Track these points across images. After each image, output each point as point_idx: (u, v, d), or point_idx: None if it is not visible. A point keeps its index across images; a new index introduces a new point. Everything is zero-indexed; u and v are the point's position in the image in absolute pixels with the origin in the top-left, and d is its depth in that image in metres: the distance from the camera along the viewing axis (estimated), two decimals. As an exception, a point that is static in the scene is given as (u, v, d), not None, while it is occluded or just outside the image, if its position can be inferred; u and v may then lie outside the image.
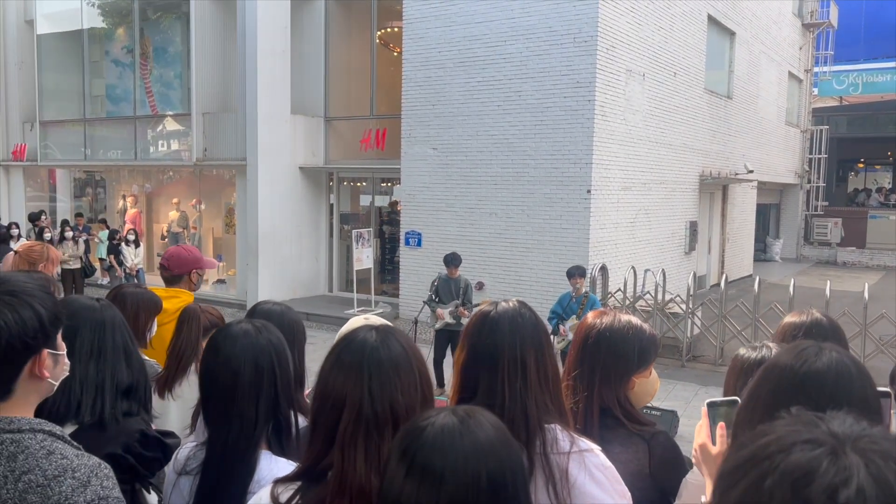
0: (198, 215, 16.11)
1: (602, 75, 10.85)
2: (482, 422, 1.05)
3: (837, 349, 1.34)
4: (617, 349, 1.89)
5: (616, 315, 1.97)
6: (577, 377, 1.90)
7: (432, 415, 1.06)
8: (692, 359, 10.20)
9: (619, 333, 1.91)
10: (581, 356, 1.92)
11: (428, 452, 1.00)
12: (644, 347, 1.92)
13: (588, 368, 1.89)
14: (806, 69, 22.64)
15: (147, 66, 15.67)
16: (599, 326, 1.93)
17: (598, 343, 1.90)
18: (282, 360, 1.76)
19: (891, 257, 21.66)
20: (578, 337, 1.97)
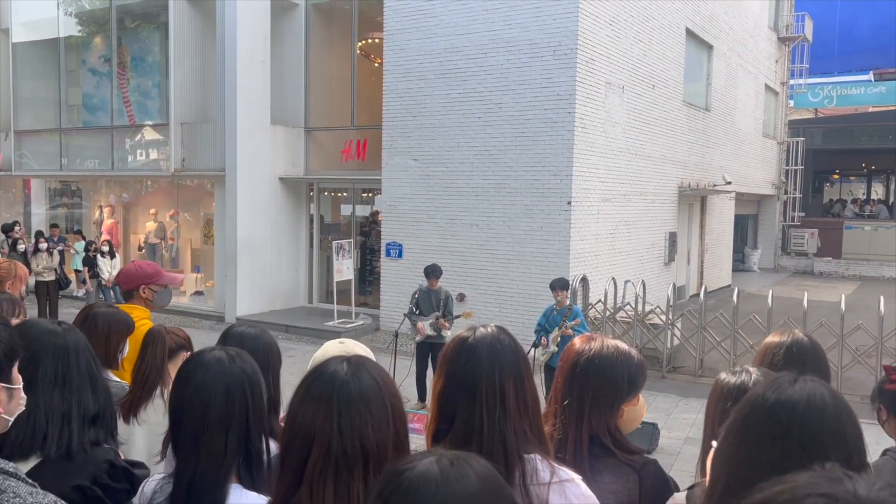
0: (176, 226, 15.94)
1: (582, 88, 10.91)
2: (467, 473, 0.98)
3: (816, 380, 1.31)
4: (606, 376, 1.85)
5: (604, 341, 1.94)
6: (565, 405, 1.87)
7: (417, 459, 1.01)
8: (672, 370, 10.23)
9: (608, 360, 1.87)
10: (570, 384, 1.88)
11: (401, 498, 0.96)
12: (633, 374, 1.89)
13: (577, 396, 1.85)
14: (782, 82, 22.96)
15: (125, 75, 15.51)
16: (588, 353, 1.89)
17: (587, 370, 1.87)
18: (254, 389, 1.71)
19: (866, 267, 21.95)
20: (566, 364, 1.93)
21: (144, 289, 3.47)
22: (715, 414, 1.92)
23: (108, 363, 2.73)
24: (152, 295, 3.45)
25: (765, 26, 20.78)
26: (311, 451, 1.29)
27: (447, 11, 11.72)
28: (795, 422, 1.23)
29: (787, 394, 1.27)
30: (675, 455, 7.02)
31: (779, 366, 2.12)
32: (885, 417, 2.46)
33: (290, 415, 1.36)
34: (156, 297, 3.46)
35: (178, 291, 15.52)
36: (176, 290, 15.33)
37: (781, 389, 1.27)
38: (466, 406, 1.59)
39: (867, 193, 30.21)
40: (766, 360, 2.19)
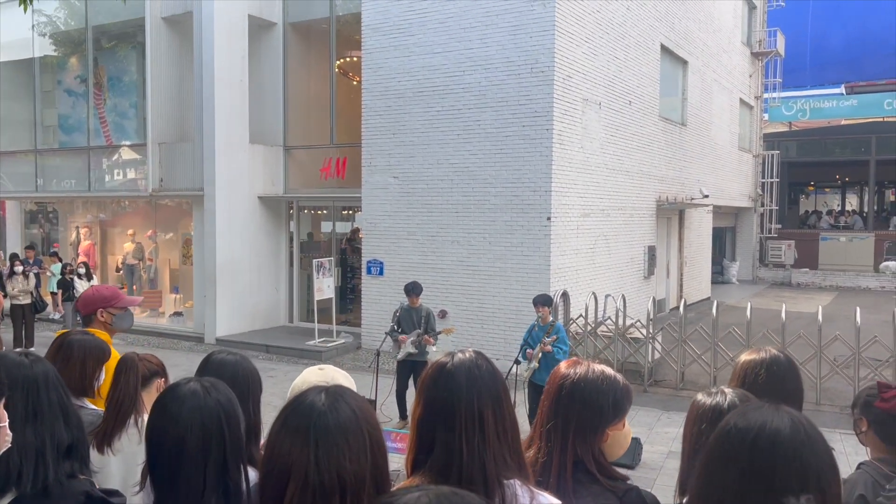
0: (154, 246, 15.79)
1: (559, 104, 11.01)
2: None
3: (780, 408, 1.34)
4: (591, 401, 1.85)
5: (590, 365, 1.93)
6: (550, 429, 1.86)
7: (404, 493, 1.00)
8: (654, 383, 10.27)
9: (593, 384, 1.86)
10: (555, 408, 1.87)
11: None
12: (618, 399, 1.89)
13: (562, 420, 1.84)
14: (756, 96, 23.33)
15: (101, 95, 15.41)
16: (573, 377, 1.88)
17: (572, 395, 1.86)
18: (231, 421, 1.68)
19: (842, 278, 22.25)
20: (552, 387, 1.93)
21: (102, 312, 3.41)
22: (691, 435, 1.93)
23: (84, 391, 2.69)
24: (111, 318, 3.40)
25: (738, 41, 21.13)
26: (289, 483, 1.28)
27: (424, 30, 11.80)
28: (745, 448, 1.28)
29: (745, 420, 1.32)
30: (658, 469, 7.03)
31: (761, 385, 2.14)
32: (864, 429, 2.49)
33: (268, 445, 1.35)
34: (115, 320, 3.41)
35: (156, 313, 15.37)
36: (154, 312, 15.27)
37: (743, 416, 1.34)
38: (445, 433, 1.58)
39: (842, 205, 30.70)
40: (749, 379, 2.21)
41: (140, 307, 15.61)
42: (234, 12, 13.34)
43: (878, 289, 21.28)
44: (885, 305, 15.48)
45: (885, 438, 2.41)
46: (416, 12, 11.88)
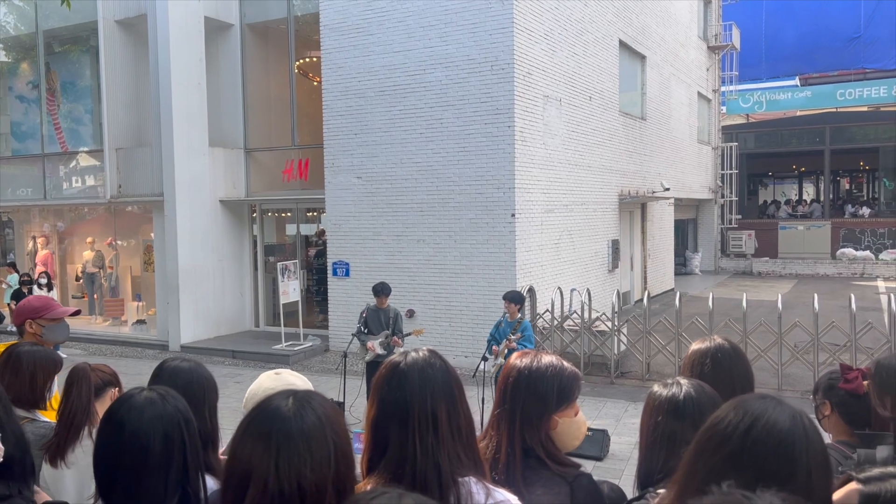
0: (114, 254, 15.50)
1: (520, 101, 11.06)
2: None
3: (777, 401, 1.35)
4: (536, 388, 1.87)
5: (538, 355, 1.96)
6: (499, 418, 1.88)
7: (372, 496, 0.97)
8: (620, 375, 10.38)
9: (538, 373, 1.89)
10: (503, 398, 1.90)
11: None
12: (564, 385, 1.90)
13: (509, 408, 1.87)
14: (713, 89, 23.73)
15: (55, 101, 15.07)
16: (520, 366, 1.92)
17: (518, 383, 1.89)
18: (190, 427, 1.66)
19: (801, 266, 22.75)
20: (501, 379, 1.96)
21: (31, 323, 3.26)
22: (648, 426, 1.95)
23: (36, 403, 2.62)
24: (40, 330, 3.27)
25: (695, 36, 21.46)
26: (249, 489, 1.26)
27: (384, 29, 11.76)
28: (739, 433, 1.28)
29: (744, 409, 1.32)
30: (626, 460, 7.10)
31: (708, 374, 2.18)
32: (827, 413, 2.51)
33: (231, 449, 1.33)
34: (45, 331, 3.27)
35: (119, 321, 15.09)
36: (117, 320, 14.99)
37: (742, 405, 1.34)
38: (399, 432, 1.57)
39: (799, 194, 31.39)
40: (696, 369, 2.24)
41: (103, 317, 15.32)
42: (189, 14, 13.14)
43: (836, 275, 21.81)
44: (842, 291, 15.86)
45: (849, 420, 2.44)
46: (374, 11, 11.84)
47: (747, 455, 1.27)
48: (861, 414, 2.37)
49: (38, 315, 3.28)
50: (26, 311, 3.30)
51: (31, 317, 3.27)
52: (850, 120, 25.31)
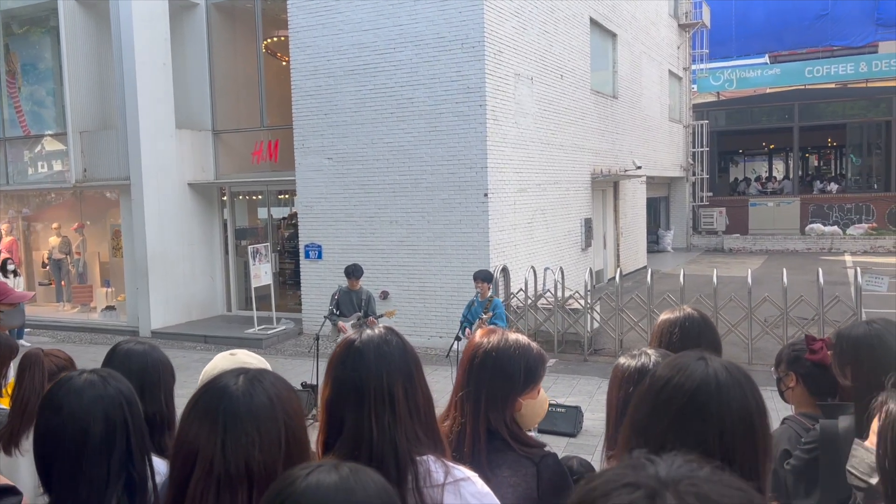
0: (81, 239, 15.20)
1: (491, 80, 10.98)
2: (367, 483, 0.96)
3: (715, 359, 1.32)
4: (503, 369, 1.83)
5: (504, 334, 1.91)
6: (463, 399, 1.84)
7: (313, 466, 0.95)
8: (593, 352, 10.46)
9: (505, 353, 1.84)
10: (467, 377, 1.86)
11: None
12: (530, 366, 1.86)
13: (474, 389, 1.83)
14: (684, 67, 23.81)
15: (15, 83, 14.67)
16: (486, 346, 1.86)
17: (483, 363, 1.84)
18: (133, 410, 1.61)
19: (771, 242, 23.06)
20: (465, 357, 1.90)
21: None
22: (617, 399, 1.93)
23: (-11, 391, 2.55)
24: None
25: (665, 14, 21.48)
26: (194, 469, 1.22)
27: (352, 7, 11.58)
28: (651, 396, 1.25)
29: (666, 369, 1.28)
30: (599, 436, 7.14)
31: (676, 343, 2.17)
32: (792, 384, 2.51)
33: (179, 428, 1.29)
34: (3, 317, 3.22)
35: (87, 308, 14.84)
36: (86, 307, 14.74)
37: (679, 369, 1.29)
38: (354, 412, 1.53)
39: (769, 171, 31.75)
40: (664, 339, 2.23)
41: (71, 304, 15.07)
42: (152, -7, 12.82)
43: (805, 251, 22.14)
44: (810, 266, 16.10)
45: (815, 391, 2.44)
46: (342, -11, 11.64)
47: (660, 414, 1.23)
48: (827, 385, 2.38)
49: None
50: None
51: None
52: (819, 97, 25.59)
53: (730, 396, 1.24)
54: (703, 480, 0.70)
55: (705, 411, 1.22)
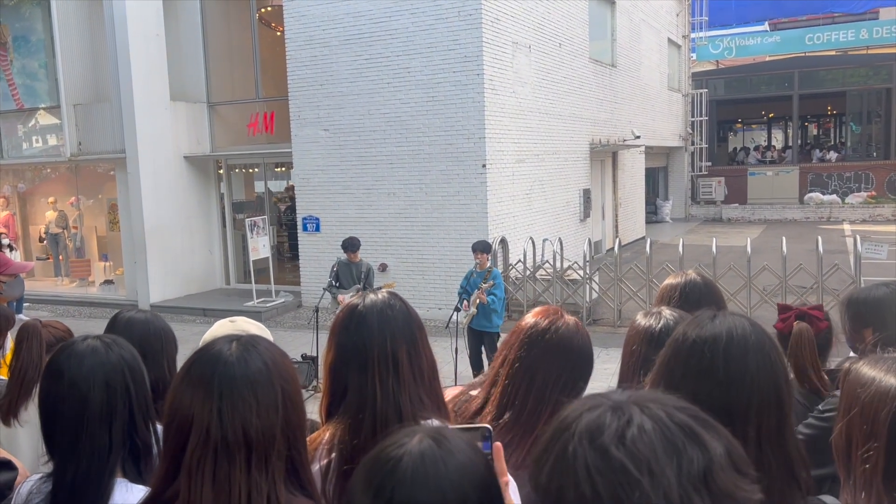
0: (78, 213, 15.13)
1: (489, 49, 10.85)
2: (457, 441, 0.93)
3: (735, 314, 1.31)
4: (586, 353, 1.85)
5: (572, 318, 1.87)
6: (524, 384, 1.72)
7: (403, 441, 0.91)
8: (592, 322, 10.48)
9: (584, 337, 1.87)
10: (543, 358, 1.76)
11: (409, 489, 0.86)
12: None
13: (553, 371, 1.76)
14: (683, 35, 23.56)
15: (6, 56, 14.47)
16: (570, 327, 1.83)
17: (570, 345, 1.81)
18: (136, 377, 1.60)
19: (770, 211, 23.02)
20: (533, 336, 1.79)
21: None
22: (629, 355, 1.91)
23: (-14, 361, 2.54)
24: (1, 286, 3.22)
25: (664, -19, 21.19)
26: (190, 436, 1.20)
27: (347, -25, 11.39)
28: (719, 356, 1.22)
29: (708, 330, 1.26)
30: (599, 405, 7.19)
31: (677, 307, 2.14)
32: None
33: (169, 397, 1.26)
34: (5, 288, 3.24)
35: (86, 282, 14.83)
36: (84, 281, 14.73)
37: (702, 326, 1.28)
38: (358, 376, 1.52)
39: (768, 140, 31.58)
40: (665, 303, 2.21)
41: (69, 278, 15.05)
42: (144, -38, 12.60)
43: (804, 220, 22.12)
44: (809, 235, 16.09)
45: None
46: (337, -44, 11.44)
47: (669, 368, 1.26)
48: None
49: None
50: None
51: None
52: (819, 64, 25.37)
53: (737, 353, 1.24)
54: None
55: (766, 356, 1.23)
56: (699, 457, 0.75)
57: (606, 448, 0.75)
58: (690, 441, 0.76)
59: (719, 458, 0.76)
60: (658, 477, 0.73)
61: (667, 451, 0.75)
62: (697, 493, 0.73)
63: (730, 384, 1.20)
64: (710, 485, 0.74)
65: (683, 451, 0.75)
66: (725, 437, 0.80)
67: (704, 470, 0.74)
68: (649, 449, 0.74)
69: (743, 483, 0.77)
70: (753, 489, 0.78)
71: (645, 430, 0.76)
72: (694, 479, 0.74)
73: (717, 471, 0.75)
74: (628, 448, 0.74)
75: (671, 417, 0.78)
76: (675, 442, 0.75)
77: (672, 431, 0.76)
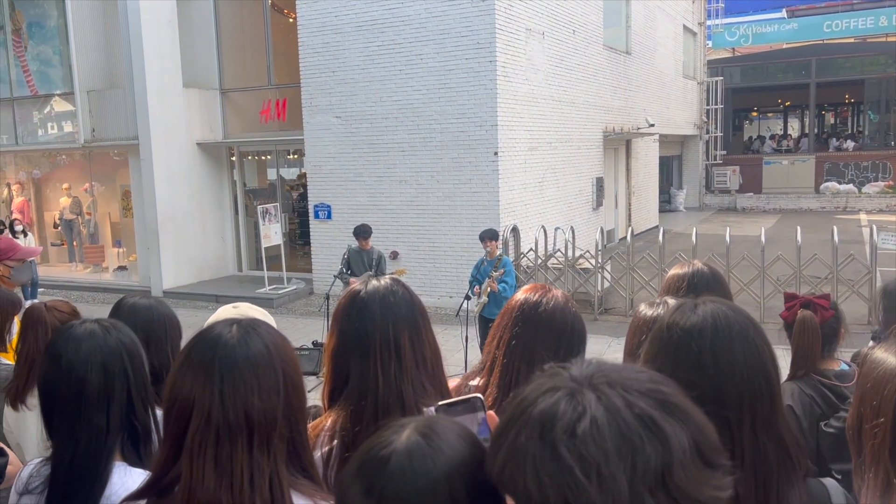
0: (91, 200, 15.22)
1: (502, 35, 10.76)
2: (447, 435, 0.91)
3: (715, 300, 1.28)
4: (577, 327, 1.84)
5: (560, 292, 1.85)
6: (516, 355, 1.70)
7: (391, 438, 0.89)
8: (604, 311, 10.44)
9: (570, 310, 1.83)
10: (529, 332, 1.75)
11: (397, 486, 0.85)
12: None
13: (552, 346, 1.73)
14: (699, 22, 23.29)
15: (21, 42, 14.53)
16: (553, 301, 1.79)
17: (562, 319, 1.79)
18: (135, 360, 1.60)
19: (785, 200, 22.81)
20: (523, 310, 1.77)
21: None
22: (632, 346, 1.88)
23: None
24: (8, 271, 3.24)
25: (681, -33, 20.94)
26: (191, 420, 1.19)
27: (360, -39, 11.32)
28: (706, 351, 1.20)
29: (692, 321, 1.23)
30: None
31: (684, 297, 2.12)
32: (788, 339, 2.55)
33: (169, 381, 1.25)
34: (13, 272, 3.26)
35: (99, 268, 14.94)
36: (98, 267, 14.84)
37: (685, 317, 1.25)
38: (360, 362, 1.51)
39: (784, 129, 31.24)
40: (672, 293, 2.18)
41: (84, 264, 15.17)
42: (156, -52, 12.59)
43: (819, 209, 21.91)
44: (824, 225, 15.93)
45: None
46: (349, -58, 11.38)
47: (657, 366, 1.21)
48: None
49: (4, 256, 3.24)
50: None
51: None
52: (837, 52, 25.02)
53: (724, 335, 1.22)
54: (611, 370, 0.77)
55: (730, 334, 1.21)
56: (658, 453, 0.70)
57: (556, 445, 0.71)
58: (650, 434, 0.71)
59: (681, 453, 0.70)
60: (607, 481, 0.68)
61: (620, 449, 0.69)
62: (652, 495, 0.68)
63: (721, 378, 1.18)
64: (668, 485, 0.69)
65: (640, 449, 0.70)
66: (696, 423, 0.74)
67: (663, 468, 0.69)
68: (600, 449, 0.69)
69: (711, 478, 0.72)
70: (724, 483, 0.73)
71: (598, 424, 0.71)
72: (650, 480, 0.69)
73: (678, 469, 0.70)
74: (577, 447, 0.70)
75: (630, 407, 0.72)
76: (630, 438, 0.70)
77: (629, 425, 0.71)
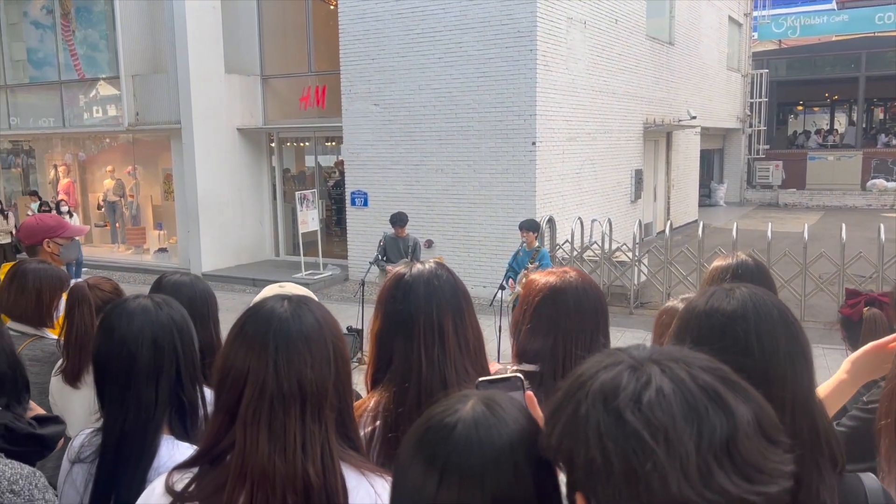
0: (134, 182, 15.53)
1: (543, 24, 10.67)
2: (509, 407, 0.91)
3: (747, 286, 1.25)
4: (601, 305, 1.77)
5: (577, 272, 1.81)
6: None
7: (456, 407, 0.90)
8: (640, 305, 10.33)
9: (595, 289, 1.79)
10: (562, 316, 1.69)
11: (463, 455, 0.85)
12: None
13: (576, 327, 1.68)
14: (745, 13, 22.78)
15: (69, 26, 14.84)
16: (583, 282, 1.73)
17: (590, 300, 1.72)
18: (184, 336, 1.63)
19: (829, 197, 22.26)
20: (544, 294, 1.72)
21: (49, 242, 3.27)
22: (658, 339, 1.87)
23: (42, 321, 2.61)
24: (58, 249, 3.28)
25: (727, -44, 20.50)
26: (244, 391, 1.21)
27: (402, -52, 11.31)
28: (751, 331, 1.17)
29: (733, 305, 1.20)
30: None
31: None
32: (842, 337, 2.57)
33: (222, 354, 1.28)
34: (62, 250, 3.30)
35: (141, 249, 15.25)
36: (139, 248, 15.15)
37: (725, 302, 1.21)
38: (404, 344, 1.52)
39: (830, 124, 30.46)
40: (716, 283, 2.14)
41: (125, 245, 15.50)
42: (201, -66, 12.73)
43: (865, 207, 21.34)
44: (870, 223, 15.52)
45: (852, 343, 2.45)
46: (392, -71, 11.36)
47: (701, 340, 1.17)
48: (854, 340, 2.43)
49: (55, 234, 3.31)
50: (43, 229, 3.30)
51: (48, 236, 3.29)
52: (889, 45, 24.21)
53: (765, 318, 1.19)
54: (669, 349, 0.78)
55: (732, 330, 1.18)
56: (723, 423, 0.70)
57: (621, 412, 0.70)
58: (714, 406, 0.71)
59: (745, 425, 0.70)
60: (675, 446, 0.68)
61: (686, 416, 0.69)
62: (718, 463, 0.68)
63: (767, 360, 1.16)
64: (733, 454, 0.69)
65: (705, 417, 0.70)
66: (756, 400, 0.74)
67: (728, 438, 0.69)
68: (667, 414, 0.69)
69: (772, 453, 0.72)
70: (785, 459, 0.72)
71: (664, 393, 0.71)
72: (715, 447, 0.69)
73: (743, 439, 0.70)
74: (644, 413, 0.70)
75: (695, 379, 0.72)
76: (696, 407, 0.70)
77: (694, 395, 0.71)
